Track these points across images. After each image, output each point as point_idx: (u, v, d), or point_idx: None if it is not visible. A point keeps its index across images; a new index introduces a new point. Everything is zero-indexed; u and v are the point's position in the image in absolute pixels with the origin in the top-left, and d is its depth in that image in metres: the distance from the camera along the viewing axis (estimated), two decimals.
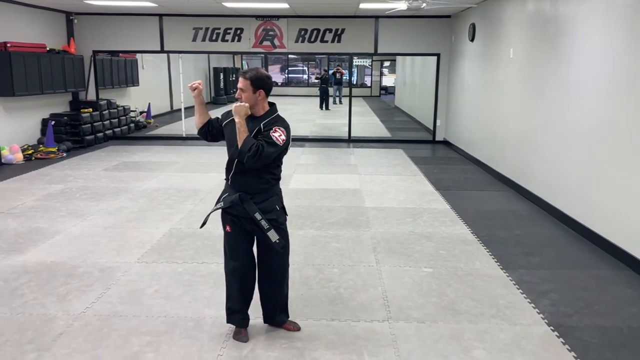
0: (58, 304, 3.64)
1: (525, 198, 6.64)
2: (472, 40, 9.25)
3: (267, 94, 3.01)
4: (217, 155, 9.26)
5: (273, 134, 2.91)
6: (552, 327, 3.39)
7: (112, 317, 3.45)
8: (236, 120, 2.91)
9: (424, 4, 6.88)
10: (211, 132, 3.20)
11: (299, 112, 18.10)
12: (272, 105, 3.09)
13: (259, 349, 3.09)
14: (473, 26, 9.17)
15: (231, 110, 3.03)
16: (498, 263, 4.48)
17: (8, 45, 8.50)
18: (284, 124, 3.01)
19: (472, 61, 9.33)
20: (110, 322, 3.39)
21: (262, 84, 2.96)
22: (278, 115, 3.07)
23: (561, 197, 5.70)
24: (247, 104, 2.94)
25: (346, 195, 6.70)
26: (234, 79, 23.44)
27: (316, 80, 23.43)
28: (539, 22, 6.39)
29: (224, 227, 3.11)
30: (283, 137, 2.93)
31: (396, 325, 3.39)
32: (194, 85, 3.10)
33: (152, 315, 3.48)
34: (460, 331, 3.33)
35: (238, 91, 2.98)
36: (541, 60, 6.28)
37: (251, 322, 3.26)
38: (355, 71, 29.38)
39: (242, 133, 2.88)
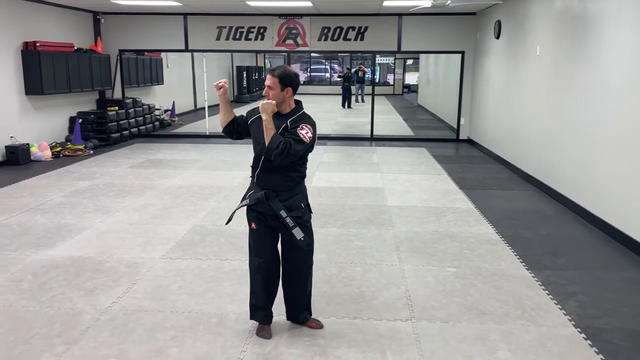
0: (85, 298, 3.71)
1: (551, 197, 6.52)
2: (497, 37, 9.13)
3: (294, 91, 3.01)
4: (240, 153, 9.33)
5: (300, 131, 2.92)
6: (579, 329, 3.33)
7: (138, 312, 3.50)
8: (263, 117, 2.91)
9: (449, 1, 6.81)
10: (236, 130, 3.22)
11: (322, 110, 18.10)
12: (298, 102, 3.09)
13: (282, 346, 3.10)
14: (499, 23, 9.04)
15: (257, 108, 3.05)
16: (523, 263, 4.41)
17: (37, 44, 8.69)
18: (310, 121, 3.02)
19: (497, 59, 9.21)
20: (135, 316, 3.44)
21: (290, 81, 2.97)
22: (304, 112, 3.08)
23: (589, 196, 5.59)
24: (273, 102, 2.95)
25: (368, 194, 6.68)
26: (256, 77, 23.58)
27: (338, 79, 23.39)
28: (567, 18, 6.27)
29: (249, 224, 3.13)
30: (310, 134, 2.94)
31: (419, 325, 3.36)
32: (219, 84, 3.12)
33: (177, 311, 3.52)
34: (485, 332, 3.29)
35: (266, 88, 2.98)
36: (569, 57, 6.16)
37: (274, 319, 3.27)
38: (378, 69, 29.25)
39: (269, 130, 2.89)
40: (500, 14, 8.99)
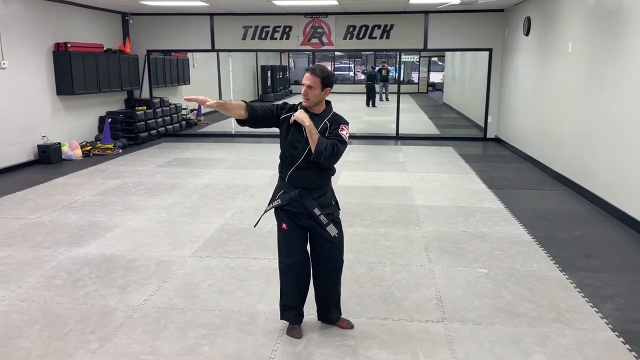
0: (118, 295, 3.76)
1: (584, 198, 6.38)
2: (526, 34, 8.97)
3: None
4: (266, 152, 9.36)
5: (341, 132, 2.97)
6: (617, 333, 3.24)
7: (169, 310, 3.53)
8: (306, 125, 2.91)
9: None
10: (261, 119, 3.00)
11: (346, 109, 18.01)
12: (328, 103, 3.09)
13: (312, 346, 3.09)
14: (528, 20, 8.88)
15: (291, 106, 3.07)
16: (557, 265, 4.32)
17: (68, 45, 8.85)
18: (345, 121, 3.06)
19: (526, 56, 9.04)
20: (167, 314, 3.47)
21: (329, 82, 2.98)
22: (335, 112, 3.08)
23: (623, 196, 5.44)
24: (303, 111, 2.97)
25: (395, 193, 6.63)
26: (280, 76, 23.66)
27: (363, 75, 23.31)
28: (600, 14, 6.11)
29: (280, 225, 3.12)
30: (348, 134, 3.02)
31: (451, 327, 3.32)
32: (206, 102, 2.84)
33: (207, 309, 3.54)
34: (519, 334, 3.22)
35: (305, 88, 2.93)
36: (602, 54, 6.01)
37: (304, 318, 3.26)
38: (402, 67, 29.03)
39: (314, 135, 2.90)
40: (530, 10, 8.83)
